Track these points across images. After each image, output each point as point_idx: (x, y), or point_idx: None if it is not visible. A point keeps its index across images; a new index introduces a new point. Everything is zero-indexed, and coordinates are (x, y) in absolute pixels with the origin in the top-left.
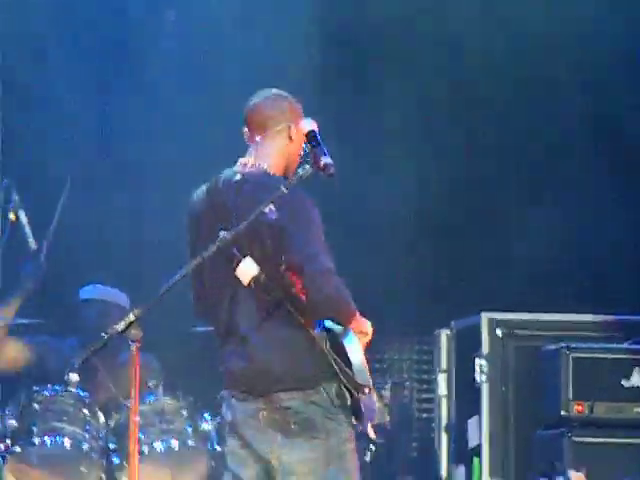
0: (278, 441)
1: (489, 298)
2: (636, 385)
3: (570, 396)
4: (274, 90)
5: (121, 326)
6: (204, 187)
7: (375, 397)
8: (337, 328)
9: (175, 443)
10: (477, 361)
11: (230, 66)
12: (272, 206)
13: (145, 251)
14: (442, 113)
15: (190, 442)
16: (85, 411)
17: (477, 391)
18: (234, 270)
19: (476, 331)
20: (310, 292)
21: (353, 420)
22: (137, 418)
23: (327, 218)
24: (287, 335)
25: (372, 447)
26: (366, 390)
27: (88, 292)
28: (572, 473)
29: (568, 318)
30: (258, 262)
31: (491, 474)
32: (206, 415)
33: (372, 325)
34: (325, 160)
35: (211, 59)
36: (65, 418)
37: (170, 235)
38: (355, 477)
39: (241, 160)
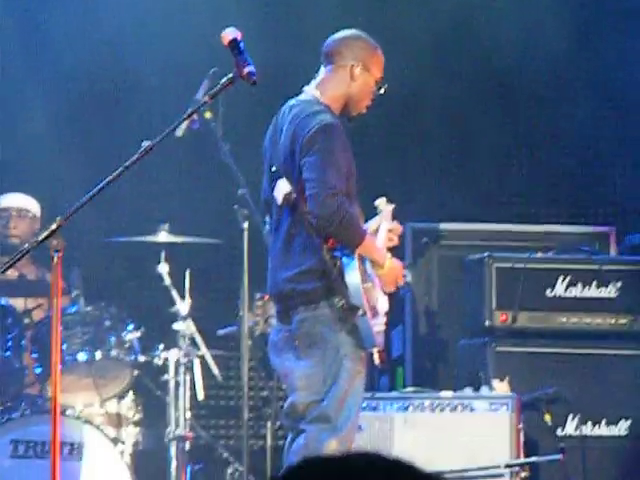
0: (290, 358)
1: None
2: (559, 295)
3: (494, 306)
4: (355, 30)
5: (43, 235)
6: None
7: (373, 322)
8: (346, 252)
9: (98, 354)
10: None
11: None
12: (300, 131)
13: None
14: None
15: (113, 353)
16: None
17: (401, 301)
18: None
19: (402, 241)
20: (313, 211)
21: (358, 341)
22: (60, 328)
23: None
24: (300, 255)
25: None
26: (359, 312)
27: None
28: (496, 382)
29: (493, 228)
30: (291, 183)
31: (414, 383)
32: (129, 326)
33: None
34: (248, 69)
35: None
36: None
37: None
38: (350, 395)
39: (305, 87)
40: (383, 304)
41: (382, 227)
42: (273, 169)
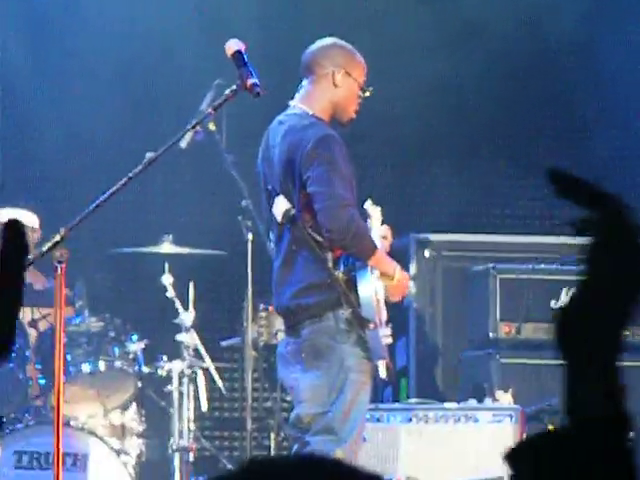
0: (296, 370)
1: (423, 219)
2: None
3: (498, 317)
4: (332, 39)
5: (46, 247)
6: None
7: (381, 335)
8: (359, 264)
9: (102, 364)
10: None
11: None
12: (297, 146)
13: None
14: None
15: (117, 364)
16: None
17: (405, 312)
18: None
19: (406, 252)
20: (325, 224)
21: (364, 353)
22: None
23: None
24: (303, 270)
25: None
26: (371, 325)
27: None
28: (500, 394)
29: (497, 239)
30: (289, 199)
31: (418, 394)
32: (133, 337)
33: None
34: (251, 80)
35: None
36: None
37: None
38: (355, 407)
39: (290, 102)
40: (384, 312)
41: (374, 232)
42: (269, 187)
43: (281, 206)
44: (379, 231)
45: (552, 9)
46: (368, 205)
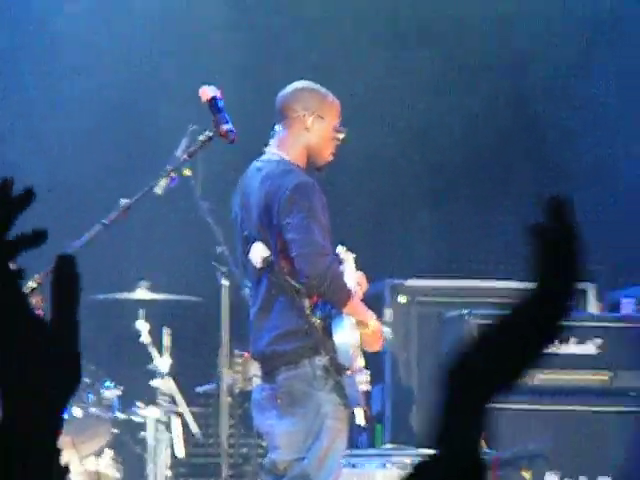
0: (272, 416)
1: (398, 265)
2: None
3: None
4: (303, 82)
5: None
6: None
7: (358, 381)
8: (335, 311)
9: (77, 411)
10: None
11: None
12: (275, 193)
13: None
14: None
15: (92, 410)
16: None
17: (380, 357)
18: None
19: (381, 298)
20: (303, 271)
21: (340, 400)
22: None
23: None
24: (280, 317)
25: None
26: (347, 372)
27: None
28: None
29: (472, 284)
30: (267, 245)
31: (394, 440)
32: (108, 383)
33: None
34: (226, 127)
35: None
36: None
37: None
38: (331, 453)
39: (266, 148)
40: (361, 360)
41: (347, 278)
42: (245, 233)
43: (259, 252)
44: (353, 277)
45: (535, 56)
46: (342, 251)
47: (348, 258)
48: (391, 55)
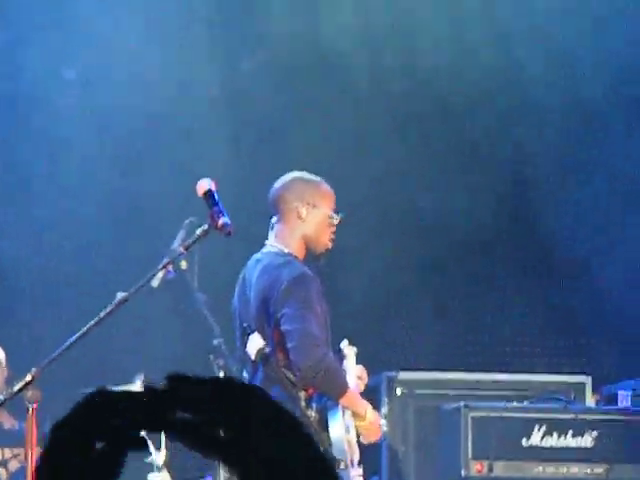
0: None
1: (396, 358)
2: (536, 444)
3: (469, 455)
4: (295, 173)
5: (17, 387)
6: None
7: (352, 475)
8: (330, 403)
9: None
10: None
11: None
12: (272, 284)
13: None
14: None
15: None
16: None
17: (377, 450)
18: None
19: (377, 391)
20: (297, 362)
21: None
22: None
23: None
24: None
25: None
26: (341, 465)
27: None
28: None
29: (469, 377)
30: (264, 336)
31: None
32: None
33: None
34: (222, 220)
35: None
36: None
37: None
38: None
39: (266, 241)
40: (356, 452)
41: (349, 372)
42: (244, 325)
43: (255, 344)
44: (354, 371)
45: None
46: (344, 345)
47: (350, 352)
48: (381, 144)
